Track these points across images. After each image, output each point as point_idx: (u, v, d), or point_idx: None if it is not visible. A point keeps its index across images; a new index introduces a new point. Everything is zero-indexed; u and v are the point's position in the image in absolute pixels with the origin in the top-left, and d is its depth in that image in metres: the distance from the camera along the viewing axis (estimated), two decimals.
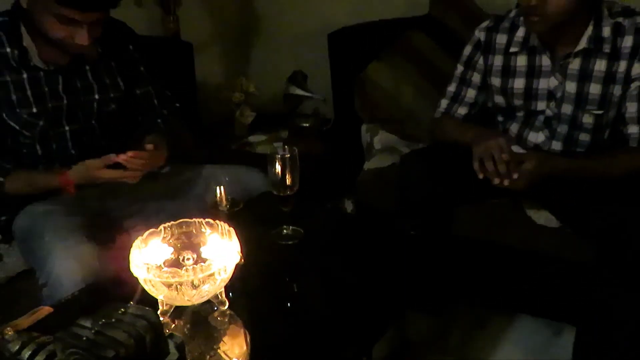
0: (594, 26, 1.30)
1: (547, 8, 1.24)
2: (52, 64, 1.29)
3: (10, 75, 1.26)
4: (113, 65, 1.41)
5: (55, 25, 1.19)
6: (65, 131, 1.35)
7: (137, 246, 0.93)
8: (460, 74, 1.55)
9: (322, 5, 2.45)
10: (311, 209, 1.42)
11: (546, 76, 1.40)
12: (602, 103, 1.35)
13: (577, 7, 1.25)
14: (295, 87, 2.20)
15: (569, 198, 1.38)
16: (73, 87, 1.34)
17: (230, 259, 0.92)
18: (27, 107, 1.28)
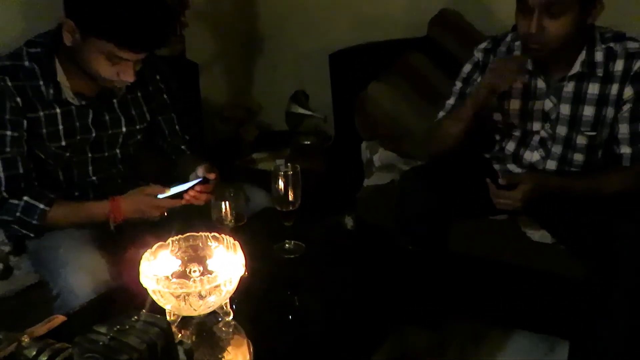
0: (587, 51, 1.34)
1: (546, 36, 1.28)
2: (82, 97, 1.29)
3: (43, 111, 1.25)
4: (139, 95, 1.41)
5: (104, 64, 1.19)
6: (87, 158, 1.36)
7: (146, 258, 0.97)
8: (460, 89, 1.58)
9: (323, 26, 2.51)
10: (312, 224, 1.46)
11: (541, 98, 1.43)
12: (596, 125, 1.38)
13: (573, 34, 1.29)
14: (297, 105, 2.25)
15: (562, 215, 1.42)
16: (102, 120, 1.34)
17: (236, 272, 0.96)
18: (56, 141, 1.28)
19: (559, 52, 1.33)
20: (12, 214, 1.23)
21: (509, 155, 1.55)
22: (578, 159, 1.45)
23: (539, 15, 1.25)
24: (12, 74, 1.21)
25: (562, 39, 1.28)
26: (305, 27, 2.59)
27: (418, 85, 2.03)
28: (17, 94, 1.21)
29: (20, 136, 1.23)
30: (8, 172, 1.22)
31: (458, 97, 1.58)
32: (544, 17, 1.26)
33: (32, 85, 1.23)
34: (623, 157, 1.38)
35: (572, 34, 1.28)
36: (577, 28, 1.28)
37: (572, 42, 1.32)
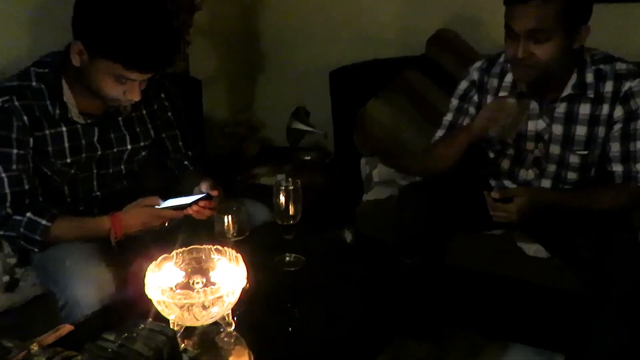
0: (578, 73, 1.37)
1: (533, 61, 1.31)
2: (88, 116, 1.32)
3: (49, 129, 1.27)
4: (144, 112, 1.44)
5: (111, 84, 1.22)
6: (92, 175, 1.39)
7: (151, 270, 1.00)
8: (457, 105, 1.59)
9: (324, 44, 2.56)
10: (313, 237, 1.50)
11: (534, 119, 1.46)
12: (588, 144, 1.42)
13: (562, 58, 1.32)
14: (298, 122, 2.28)
15: (557, 230, 1.45)
16: (107, 138, 1.37)
17: (238, 283, 0.99)
18: (62, 159, 1.31)
19: (548, 75, 1.35)
20: (17, 229, 1.25)
21: (504, 172, 1.58)
22: (572, 177, 1.48)
23: (525, 41, 1.29)
24: (19, 94, 1.24)
25: (549, 63, 1.31)
26: (307, 45, 2.63)
27: (416, 102, 2.07)
28: (24, 113, 1.23)
29: (26, 154, 1.26)
30: (14, 189, 1.25)
31: (455, 113, 1.60)
32: (530, 42, 1.29)
33: (39, 105, 1.26)
34: (615, 174, 1.41)
35: (559, 58, 1.31)
36: (564, 52, 1.31)
37: (562, 65, 1.35)
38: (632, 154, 1.38)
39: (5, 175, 1.24)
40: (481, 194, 1.42)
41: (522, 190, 1.45)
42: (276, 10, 2.70)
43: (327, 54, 2.47)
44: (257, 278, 1.11)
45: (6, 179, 1.24)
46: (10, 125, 1.23)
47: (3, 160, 1.24)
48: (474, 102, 1.56)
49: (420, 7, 2.34)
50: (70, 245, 1.27)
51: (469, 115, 1.57)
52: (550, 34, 1.28)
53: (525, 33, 1.28)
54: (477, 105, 1.56)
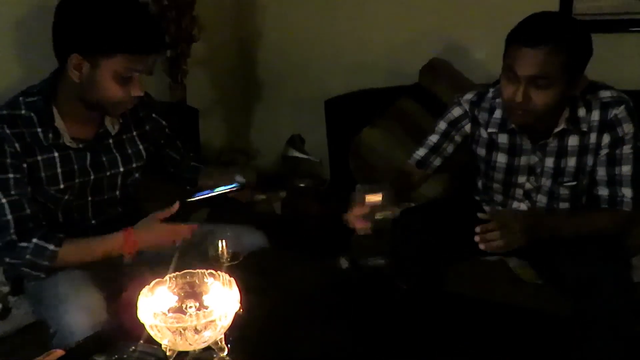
0: (570, 108, 1.37)
1: (531, 105, 1.29)
2: (79, 141, 1.33)
3: (41, 155, 1.27)
4: (135, 134, 1.45)
5: (115, 87, 1.23)
6: (87, 202, 1.39)
7: (144, 294, 1.00)
8: (445, 129, 1.56)
9: (319, 74, 2.60)
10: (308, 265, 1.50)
11: (527, 154, 1.46)
12: (577, 175, 1.42)
13: (557, 104, 1.31)
14: (294, 149, 2.31)
15: (546, 255, 1.45)
16: (99, 162, 1.37)
17: (231, 307, 0.99)
18: (55, 185, 1.30)
19: (542, 119, 1.35)
20: (22, 256, 1.23)
21: (497, 202, 1.59)
22: (564, 207, 1.48)
23: (526, 86, 1.27)
24: (10, 122, 1.24)
25: (546, 109, 1.30)
26: (302, 75, 2.68)
27: (410, 130, 2.09)
28: (16, 140, 1.24)
29: (22, 178, 1.25)
30: (16, 214, 1.24)
31: (441, 136, 1.57)
32: (531, 87, 1.27)
33: (30, 132, 1.26)
34: (601, 198, 1.41)
35: (555, 105, 1.31)
36: (561, 99, 1.31)
37: (556, 108, 1.34)
38: (618, 178, 1.38)
39: (6, 201, 1.23)
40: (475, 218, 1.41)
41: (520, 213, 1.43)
42: (272, 41, 2.76)
43: (322, 83, 2.51)
44: (251, 303, 1.11)
45: (7, 204, 1.23)
46: (3, 152, 1.23)
47: (1, 186, 1.23)
48: (464, 132, 1.55)
49: (413, 37, 2.39)
50: (62, 271, 1.26)
51: (453, 142, 1.56)
52: (551, 82, 1.26)
53: (527, 78, 1.26)
54: (465, 135, 1.55)
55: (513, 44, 1.29)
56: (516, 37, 1.28)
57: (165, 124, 1.54)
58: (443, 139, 1.57)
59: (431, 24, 2.36)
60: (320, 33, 2.62)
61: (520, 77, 1.27)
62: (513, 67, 1.28)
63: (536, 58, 1.25)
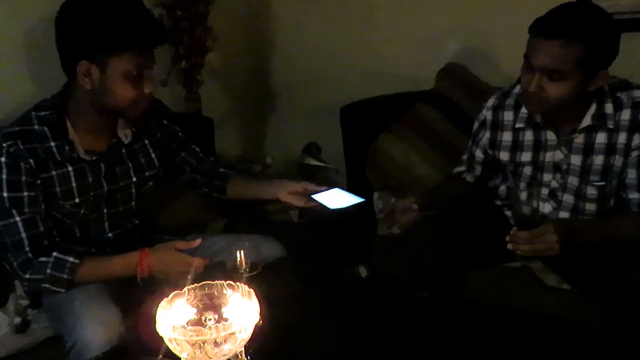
0: (597, 104, 1.35)
1: (544, 96, 1.30)
2: (93, 153, 1.33)
3: (55, 170, 1.28)
4: (147, 142, 1.45)
5: (128, 88, 1.23)
6: (103, 215, 1.39)
7: (163, 307, 0.98)
8: (470, 147, 1.63)
9: (334, 81, 2.59)
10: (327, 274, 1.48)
11: (552, 150, 1.44)
12: (605, 174, 1.39)
13: (574, 96, 1.30)
14: (310, 157, 2.29)
15: (573, 260, 1.41)
16: (113, 173, 1.37)
17: (251, 319, 0.97)
18: (71, 199, 1.30)
19: (563, 108, 1.34)
20: (43, 271, 1.24)
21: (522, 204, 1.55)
22: (590, 208, 1.44)
23: (540, 76, 1.28)
24: (23, 138, 1.25)
25: (559, 102, 1.30)
26: (317, 82, 2.66)
27: (427, 136, 2.08)
28: (30, 156, 1.24)
29: (37, 195, 1.26)
30: (29, 232, 1.25)
31: (469, 155, 1.64)
32: (545, 78, 1.28)
33: (43, 147, 1.26)
34: (631, 202, 1.38)
35: (570, 98, 1.30)
36: (577, 92, 1.30)
37: (577, 100, 1.33)
38: None
39: (20, 219, 1.24)
40: (496, 224, 1.39)
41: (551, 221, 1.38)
42: (286, 50, 2.75)
43: (337, 90, 2.49)
44: (270, 314, 1.09)
45: (20, 222, 1.24)
46: (18, 169, 1.23)
47: (15, 205, 1.23)
48: (482, 144, 1.57)
49: (429, 42, 2.37)
50: (79, 286, 1.25)
51: (476, 159, 1.61)
52: (565, 75, 1.26)
53: (541, 69, 1.28)
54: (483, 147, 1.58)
55: (531, 33, 1.30)
56: (534, 27, 1.30)
57: (177, 129, 1.54)
58: (471, 158, 1.64)
59: (446, 27, 2.33)
60: (334, 40, 2.61)
61: (535, 67, 1.28)
62: (529, 56, 1.30)
63: (549, 50, 1.25)
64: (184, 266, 1.28)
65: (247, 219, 2.13)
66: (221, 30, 2.39)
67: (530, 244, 1.28)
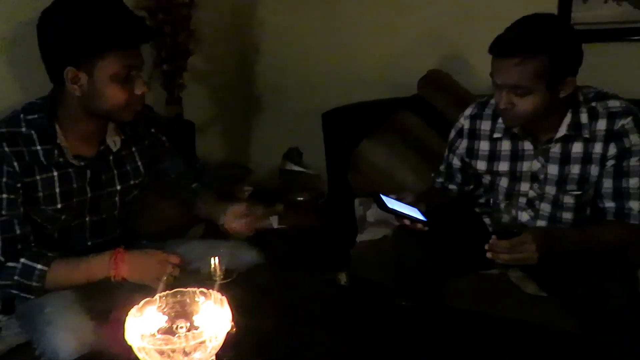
0: (572, 113, 1.36)
1: (515, 112, 1.32)
2: (81, 158, 1.31)
3: (39, 174, 1.25)
4: (134, 150, 1.43)
5: (117, 90, 1.21)
6: (85, 222, 1.37)
7: (133, 315, 0.96)
8: (446, 156, 1.63)
9: (317, 87, 2.59)
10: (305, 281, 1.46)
11: (529, 159, 1.45)
12: (581, 183, 1.40)
13: (546, 107, 1.31)
14: (291, 163, 2.29)
15: (552, 269, 1.41)
16: (98, 180, 1.35)
17: (222, 327, 0.95)
18: (53, 204, 1.28)
19: (541, 118, 1.35)
20: (10, 277, 1.22)
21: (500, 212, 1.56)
22: (567, 217, 1.45)
23: (507, 93, 1.30)
24: (9, 140, 1.22)
25: (532, 114, 1.31)
26: (301, 88, 2.67)
27: (409, 141, 2.08)
28: (15, 159, 1.22)
29: (16, 198, 1.23)
30: (5, 235, 1.22)
31: (446, 165, 1.64)
32: (512, 95, 1.30)
33: (29, 151, 1.24)
34: (606, 210, 1.39)
35: (542, 108, 1.31)
36: (548, 103, 1.31)
37: (552, 110, 1.34)
38: (625, 190, 1.36)
39: None
40: (476, 231, 1.39)
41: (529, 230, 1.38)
42: (270, 54, 2.75)
43: (320, 96, 2.50)
44: (244, 322, 1.08)
45: None
46: (0, 171, 1.21)
47: None
48: (458, 152, 1.58)
49: (412, 48, 2.38)
50: (51, 292, 1.23)
51: (454, 167, 1.61)
52: (530, 89, 1.28)
53: (505, 87, 1.30)
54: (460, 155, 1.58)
55: (490, 53, 1.32)
56: (491, 47, 1.31)
57: (164, 138, 1.51)
58: (449, 167, 1.63)
59: (429, 34, 2.34)
60: (319, 46, 2.61)
61: (499, 84, 1.30)
62: (493, 76, 1.32)
63: (507, 69, 1.27)
64: (161, 265, 1.26)
65: None
66: (205, 34, 2.38)
67: (509, 253, 1.28)
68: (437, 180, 1.66)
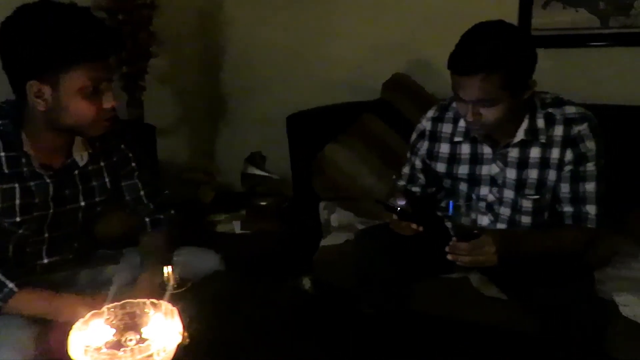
0: (529, 119, 1.38)
1: (482, 122, 1.32)
2: (48, 168, 1.23)
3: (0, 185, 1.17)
4: (102, 165, 1.35)
5: (84, 105, 1.14)
6: (44, 238, 1.29)
7: (77, 328, 0.93)
8: (409, 158, 1.62)
9: (282, 90, 2.58)
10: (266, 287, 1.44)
11: (488, 163, 1.45)
12: (539, 188, 1.41)
13: (510, 115, 1.32)
14: (253, 167, 2.26)
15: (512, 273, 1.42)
16: (61, 195, 1.27)
17: (171, 339, 0.92)
18: (10, 217, 1.20)
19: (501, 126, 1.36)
20: None
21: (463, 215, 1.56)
22: (526, 221, 1.46)
23: (473, 106, 1.29)
24: None
25: (500, 121, 1.31)
26: (268, 91, 2.65)
27: (374, 145, 2.08)
28: None
29: None
30: None
31: (410, 167, 1.62)
32: (477, 107, 1.29)
33: None
34: (565, 214, 1.40)
35: (509, 115, 1.31)
36: (513, 108, 1.31)
37: (513, 115, 1.35)
38: (582, 195, 1.37)
39: None
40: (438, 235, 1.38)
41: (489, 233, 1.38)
42: (236, 57, 2.72)
43: (286, 99, 2.47)
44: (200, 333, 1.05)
45: None
46: None
47: None
48: (420, 154, 1.56)
49: (377, 53, 2.38)
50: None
51: (416, 169, 1.59)
52: (496, 100, 1.28)
53: (471, 101, 1.29)
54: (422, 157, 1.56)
55: (450, 70, 1.30)
56: (452, 65, 1.30)
57: (131, 155, 1.42)
58: (412, 169, 1.61)
59: (394, 39, 2.35)
60: (285, 49, 2.60)
61: (465, 100, 1.30)
62: (457, 92, 1.31)
63: (473, 85, 1.26)
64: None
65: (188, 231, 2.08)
66: (168, 36, 2.34)
67: (469, 255, 1.28)
68: (398, 184, 1.65)
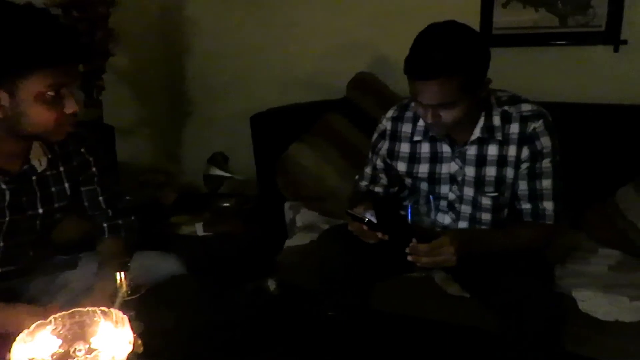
0: (485, 117, 1.39)
1: (442, 123, 1.32)
2: (6, 173, 1.18)
3: None
4: (62, 170, 1.29)
5: (45, 111, 1.09)
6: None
7: (21, 340, 0.88)
8: (370, 158, 1.61)
9: (246, 90, 2.55)
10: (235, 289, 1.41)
11: (447, 161, 1.46)
12: (498, 185, 1.42)
13: (469, 111, 1.32)
14: (215, 168, 2.23)
15: (474, 270, 1.43)
16: (18, 202, 1.22)
17: (121, 349, 0.89)
18: None
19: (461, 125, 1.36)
20: None
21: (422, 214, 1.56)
22: (486, 218, 1.47)
23: (433, 109, 1.30)
24: None
25: (460, 120, 1.32)
26: (232, 90, 2.61)
27: (338, 145, 2.07)
28: None
29: None
30: None
31: (372, 167, 1.61)
32: (437, 109, 1.29)
33: None
34: (523, 212, 1.42)
35: (469, 114, 1.33)
36: (472, 107, 1.32)
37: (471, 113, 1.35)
38: (539, 192, 1.39)
39: None
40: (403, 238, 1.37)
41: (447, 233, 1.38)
42: (199, 54, 2.67)
43: (250, 99, 2.45)
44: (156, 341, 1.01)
45: None
46: None
47: None
48: (381, 154, 1.56)
49: (341, 51, 2.37)
50: None
51: (378, 169, 1.59)
52: (455, 102, 1.28)
53: (430, 106, 1.29)
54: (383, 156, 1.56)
55: (407, 75, 1.30)
56: (408, 71, 1.29)
57: (91, 160, 1.36)
58: (374, 169, 1.61)
59: (358, 37, 2.35)
60: (249, 47, 2.57)
61: (424, 105, 1.30)
62: (415, 96, 1.31)
63: (431, 90, 1.26)
64: None
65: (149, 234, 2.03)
66: (128, 33, 2.28)
67: (428, 256, 1.28)
68: (361, 184, 1.64)
